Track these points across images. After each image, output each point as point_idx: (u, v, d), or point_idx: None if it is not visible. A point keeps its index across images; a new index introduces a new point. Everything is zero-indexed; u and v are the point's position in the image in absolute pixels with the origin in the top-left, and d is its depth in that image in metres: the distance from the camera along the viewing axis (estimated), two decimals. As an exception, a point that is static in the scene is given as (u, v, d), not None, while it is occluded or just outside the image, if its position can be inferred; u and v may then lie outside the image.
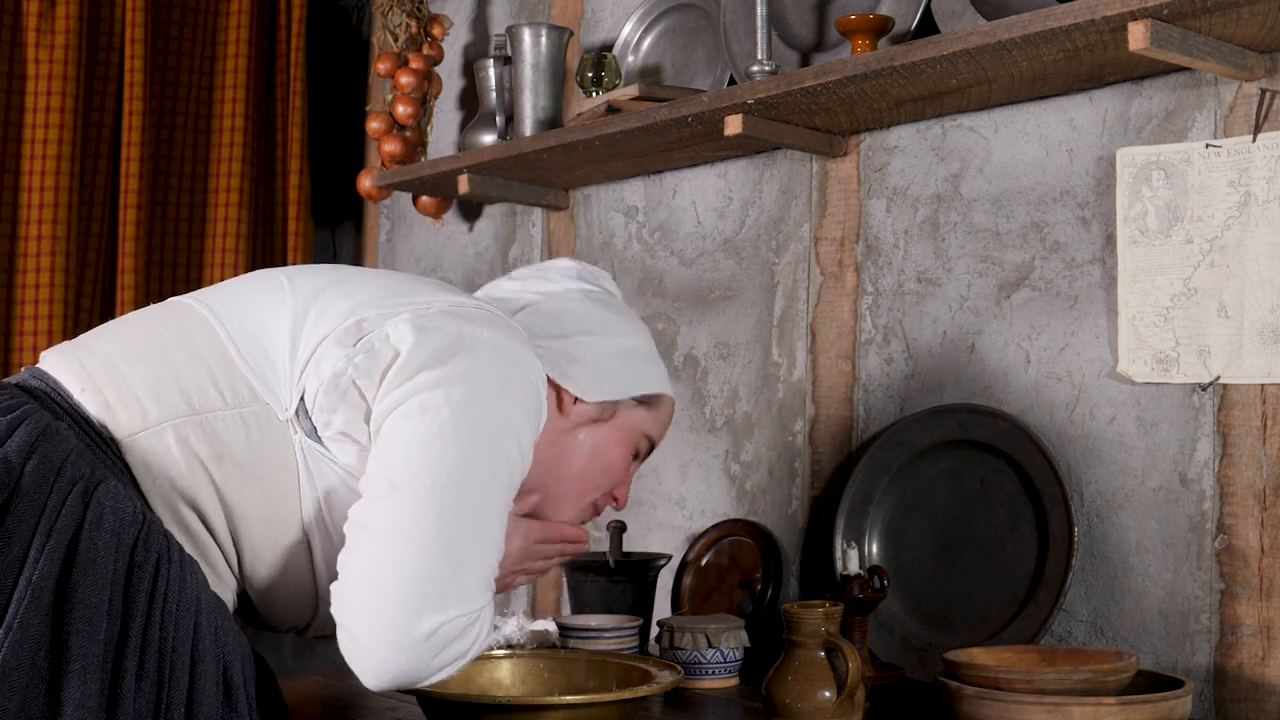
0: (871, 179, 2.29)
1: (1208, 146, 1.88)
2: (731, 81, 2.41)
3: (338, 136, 3.48)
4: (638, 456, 1.75)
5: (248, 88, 3.22)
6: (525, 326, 1.65)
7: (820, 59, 2.28)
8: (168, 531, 1.39)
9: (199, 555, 1.46)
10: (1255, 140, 1.84)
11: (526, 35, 2.58)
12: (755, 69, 2.19)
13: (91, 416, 1.45)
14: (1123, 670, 1.65)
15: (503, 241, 2.99)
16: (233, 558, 1.49)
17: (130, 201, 3.03)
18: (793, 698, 1.70)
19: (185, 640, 1.36)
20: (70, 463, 1.35)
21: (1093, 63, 1.89)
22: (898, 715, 1.85)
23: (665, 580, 2.43)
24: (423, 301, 1.54)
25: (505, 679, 1.82)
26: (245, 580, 1.52)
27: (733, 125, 2.17)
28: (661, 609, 2.44)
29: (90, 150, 3.06)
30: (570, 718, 1.60)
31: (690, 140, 2.37)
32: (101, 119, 3.08)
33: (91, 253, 3.07)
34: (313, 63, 3.41)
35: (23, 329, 2.95)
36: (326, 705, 1.92)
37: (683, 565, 2.45)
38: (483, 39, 3.12)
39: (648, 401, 1.73)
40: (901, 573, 2.13)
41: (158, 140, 3.14)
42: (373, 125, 2.97)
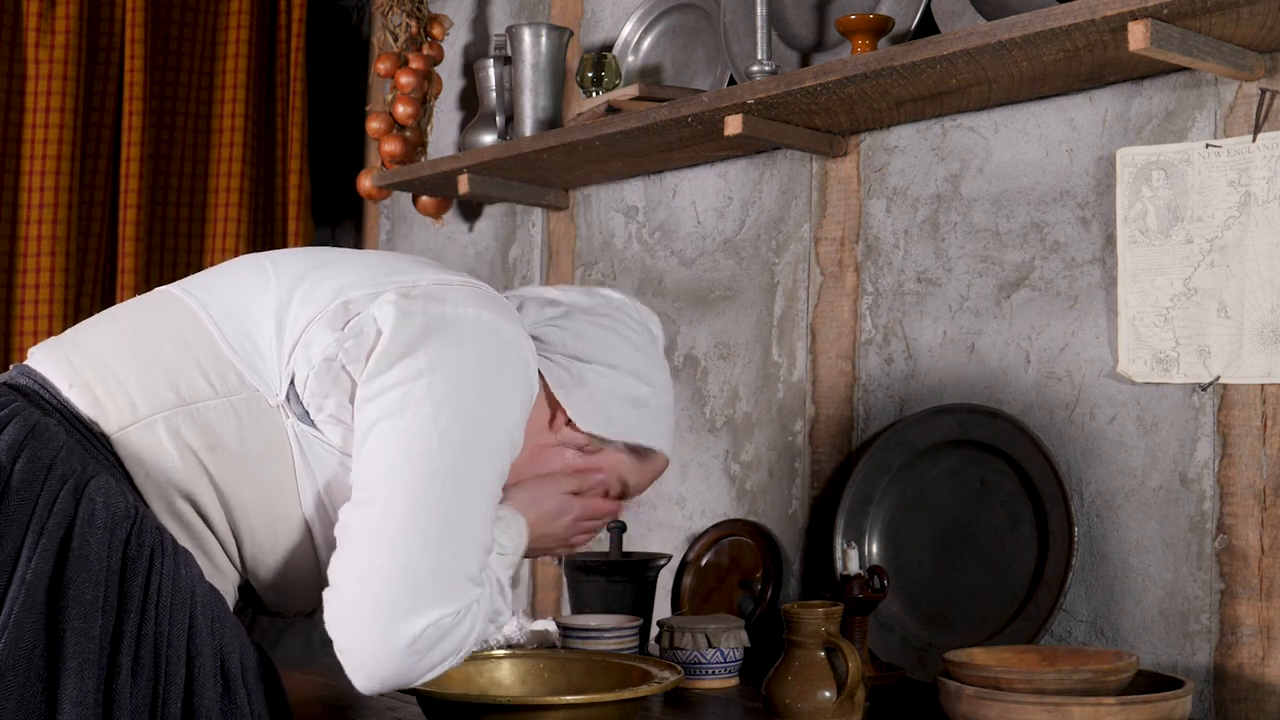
0: (871, 179, 2.29)
1: (1208, 146, 1.88)
2: (731, 81, 2.40)
3: (338, 136, 3.48)
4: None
5: (248, 88, 3.22)
6: (548, 337, 1.63)
7: (820, 59, 2.28)
8: (161, 525, 1.39)
9: (196, 547, 1.46)
10: (1255, 140, 1.84)
11: (526, 35, 2.58)
12: (755, 69, 2.18)
13: (81, 412, 1.44)
14: (1123, 670, 1.65)
15: (503, 241, 2.99)
16: (232, 547, 1.49)
17: (130, 201, 3.03)
18: (793, 698, 1.70)
19: (181, 634, 1.36)
20: (61, 459, 1.35)
21: (1093, 63, 1.89)
22: (898, 715, 1.85)
23: (665, 580, 2.43)
24: (408, 281, 1.51)
25: (505, 679, 1.82)
26: (247, 569, 1.51)
27: (733, 125, 2.17)
28: (661, 609, 2.44)
29: (90, 150, 3.06)
30: (570, 718, 1.59)
31: (690, 140, 2.37)
32: (101, 119, 3.08)
33: (91, 253, 3.07)
34: (313, 63, 3.41)
35: (23, 329, 2.95)
36: (326, 705, 1.92)
37: (683, 565, 2.45)
38: (483, 39, 3.12)
39: (638, 451, 1.69)
40: (901, 573, 2.13)
41: (158, 140, 3.14)
42: (373, 125, 2.97)
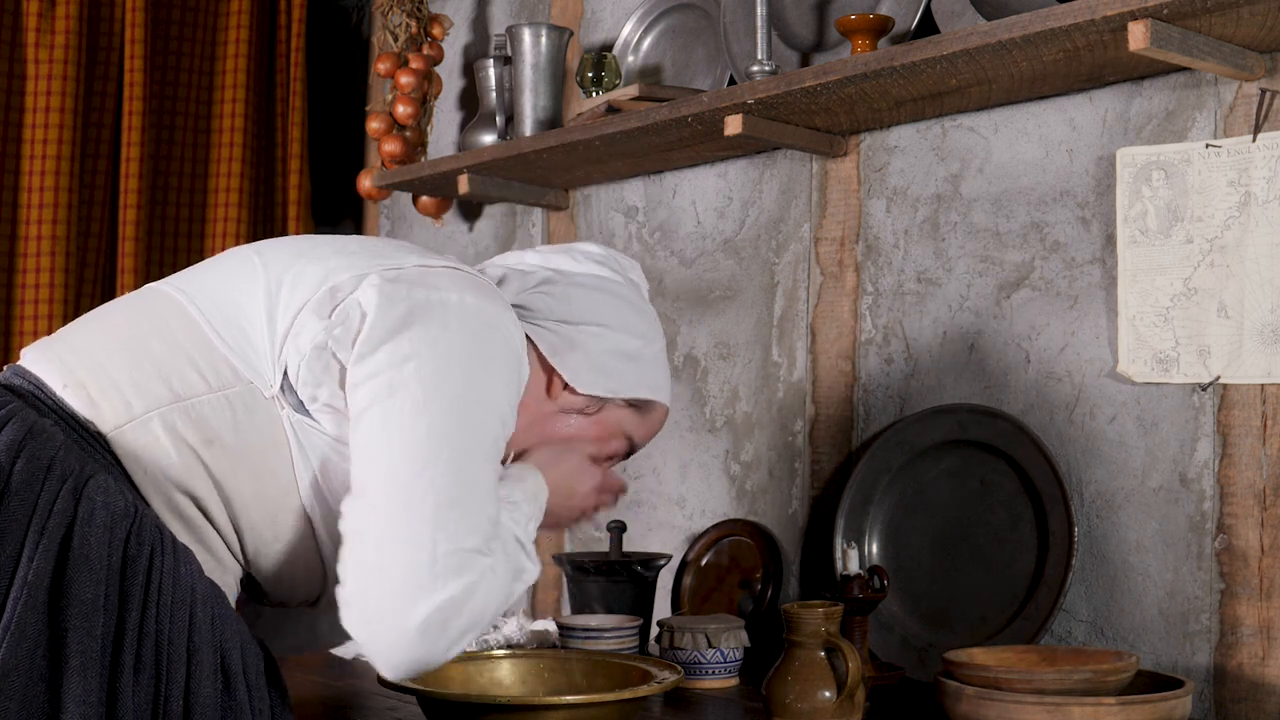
0: (871, 179, 2.29)
1: (1208, 146, 1.88)
2: (731, 81, 2.40)
3: (338, 136, 3.48)
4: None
5: (248, 88, 3.22)
6: (535, 305, 1.63)
7: (820, 59, 2.28)
8: (160, 523, 1.39)
9: (197, 543, 1.46)
10: (1255, 140, 1.84)
11: (526, 35, 2.58)
12: (755, 69, 2.18)
13: (76, 412, 1.44)
14: (1123, 670, 1.65)
15: (503, 241, 2.99)
16: (233, 541, 1.49)
17: (130, 201, 3.03)
18: (793, 698, 1.70)
19: (181, 631, 1.36)
20: (59, 460, 1.35)
21: (1093, 63, 1.89)
22: (898, 715, 1.85)
23: (665, 580, 2.43)
24: (392, 264, 1.50)
25: (505, 679, 1.82)
26: (250, 561, 1.51)
27: (733, 125, 2.17)
28: (661, 609, 2.44)
29: (90, 150, 3.06)
30: (570, 718, 1.60)
31: (690, 140, 2.37)
32: (101, 119, 3.08)
33: (91, 253, 3.07)
34: (313, 63, 3.41)
35: (23, 329, 2.94)
36: (326, 705, 1.92)
37: (683, 565, 2.45)
38: (483, 39, 3.12)
39: (638, 405, 1.69)
40: (901, 573, 2.13)
41: (158, 140, 3.14)
42: (373, 125, 2.97)
